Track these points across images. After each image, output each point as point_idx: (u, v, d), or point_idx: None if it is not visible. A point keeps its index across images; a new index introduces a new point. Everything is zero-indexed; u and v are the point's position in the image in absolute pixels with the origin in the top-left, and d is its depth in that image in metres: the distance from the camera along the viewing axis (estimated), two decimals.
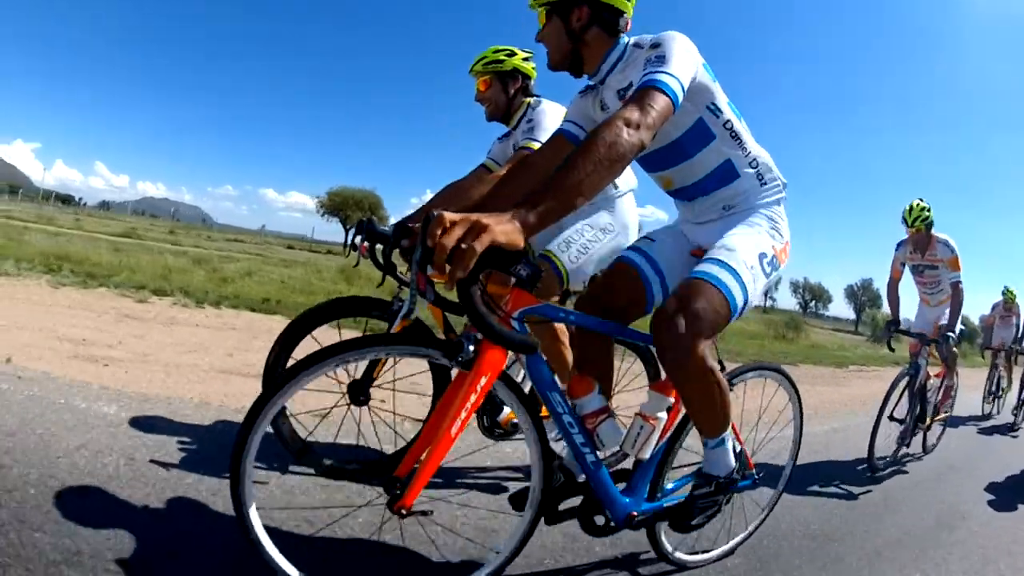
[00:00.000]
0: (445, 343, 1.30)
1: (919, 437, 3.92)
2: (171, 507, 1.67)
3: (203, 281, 7.45)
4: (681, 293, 1.40)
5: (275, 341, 2.03)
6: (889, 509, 2.82)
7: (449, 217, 1.00)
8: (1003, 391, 6.96)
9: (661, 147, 1.54)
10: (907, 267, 4.17)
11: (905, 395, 3.62)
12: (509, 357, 2.16)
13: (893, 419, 3.58)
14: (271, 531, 1.27)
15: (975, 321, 16.29)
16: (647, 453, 1.52)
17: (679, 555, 1.79)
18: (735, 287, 1.42)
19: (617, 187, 2.27)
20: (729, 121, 1.53)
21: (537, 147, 2.06)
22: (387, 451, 2.24)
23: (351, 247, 2.11)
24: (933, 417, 3.99)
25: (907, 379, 3.61)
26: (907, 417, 3.64)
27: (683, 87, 1.31)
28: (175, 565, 1.42)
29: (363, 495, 1.91)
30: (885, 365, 10.85)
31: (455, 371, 1.31)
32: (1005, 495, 3.36)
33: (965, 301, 3.76)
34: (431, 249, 0.99)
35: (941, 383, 4.18)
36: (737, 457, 1.64)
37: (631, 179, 2.35)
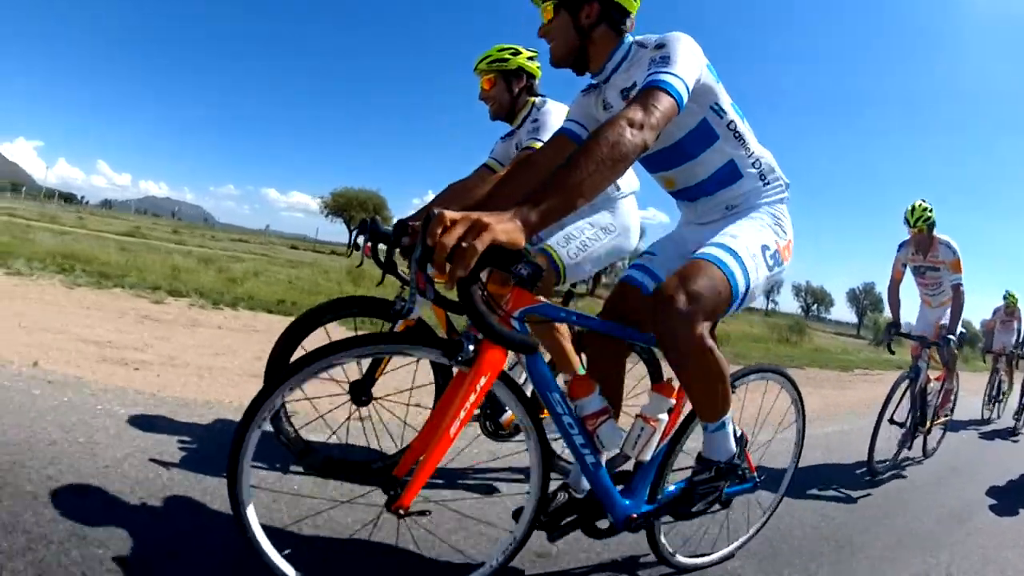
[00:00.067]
0: (445, 342, 1.29)
1: (919, 441, 3.90)
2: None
3: (214, 282, 7.43)
4: (682, 272, 1.37)
5: (276, 341, 2.03)
6: (889, 512, 2.80)
7: (449, 216, 0.98)
8: (1004, 395, 6.94)
9: (664, 147, 1.54)
10: (908, 268, 4.15)
11: (905, 398, 3.60)
12: (512, 358, 2.16)
13: (893, 422, 3.57)
14: (269, 530, 1.26)
15: (976, 326, 16.23)
16: (648, 455, 1.52)
17: (680, 558, 1.78)
18: (737, 270, 1.40)
19: (619, 188, 2.26)
20: (733, 122, 1.52)
21: None
22: (389, 451, 2.23)
23: (354, 247, 2.11)
24: (933, 421, 3.96)
25: (907, 382, 3.59)
26: (907, 420, 3.62)
27: (688, 88, 1.30)
28: None
29: (362, 495, 1.90)
30: (889, 369, 10.79)
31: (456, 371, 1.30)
32: (1007, 499, 3.35)
33: (966, 304, 3.74)
34: (431, 248, 0.98)
35: (941, 387, 4.15)
36: (738, 442, 1.59)
37: (633, 181, 2.34)
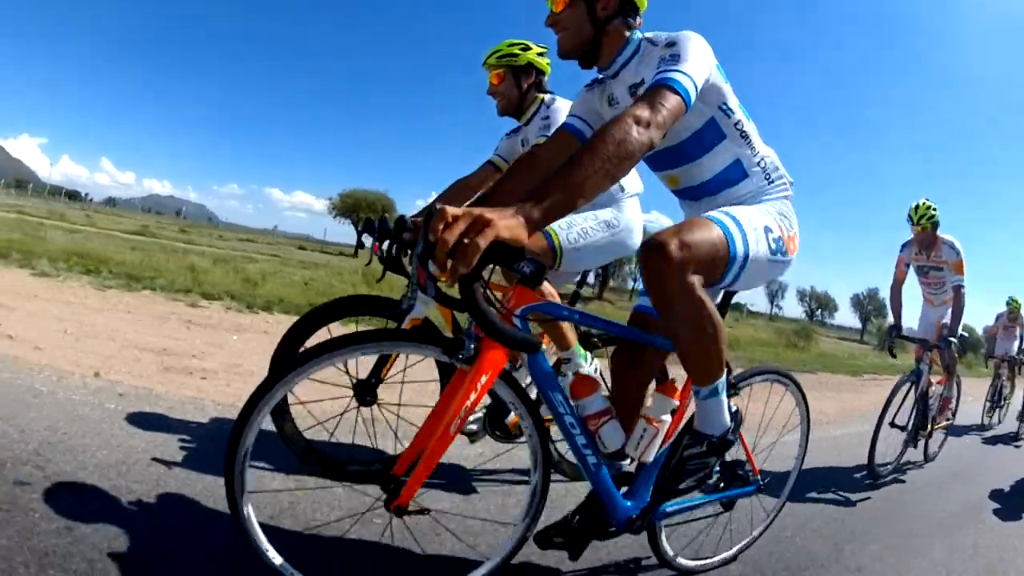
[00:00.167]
0: (446, 340, 1.29)
1: (920, 444, 3.89)
2: None
3: (232, 282, 7.35)
4: (678, 225, 1.35)
5: (281, 339, 2.01)
6: (890, 515, 2.79)
7: (451, 212, 0.97)
8: (1005, 400, 6.90)
9: (671, 145, 1.53)
10: (912, 268, 4.12)
11: (907, 401, 3.58)
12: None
13: (894, 426, 3.55)
14: (267, 528, 1.25)
15: (979, 332, 16.11)
16: (650, 456, 1.51)
17: (681, 560, 1.77)
18: (736, 233, 1.39)
19: (624, 189, 2.25)
20: (740, 121, 1.52)
21: None
22: (397, 451, 2.22)
23: (359, 245, 2.11)
24: (933, 425, 3.94)
25: (908, 385, 3.58)
26: (908, 423, 3.61)
27: (696, 87, 1.29)
28: None
29: (364, 494, 1.89)
30: (897, 373, 10.72)
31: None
32: (1008, 503, 3.32)
33: (968, 309, 3.71)
34: (433, 244, 0.96)
35: (941, 392, 4.12)
36: (733, 417, 1.53)
37: (637, 183, 2.33)
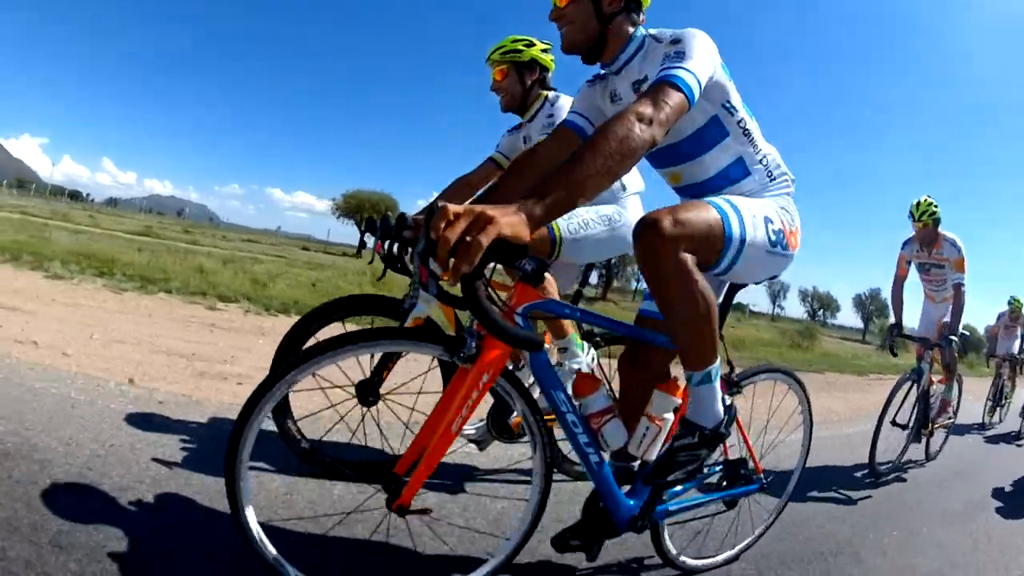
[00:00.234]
0: (448, 339, 1.28)
1: (922, 443, 3.88)
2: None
3: (247, 285, 7.29)
4: (673, 205, 1.34)
5: (282, 338, 2.01)
6: (892, 513, 2.78)
7: (453, 209, 0.96)
8: (1006, 399, 6.88)
9: (674, 143, 1.53)
10: (913, 265, 4.10)
11: (907, 400, 3.57)
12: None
13: (896, 424, 3.55)
14: (267, 528, 1.25)
15: (980, 332, 16.06)
16: (653, 455, 1.50)
17: (684, 559, 1.76)
18: (732, 215, 1.37)
19: (625, 187, 2.25)
20: (743, 119, 1.51)
21: None
22: (399, 452, 2.21)
23: (361, 245, 2.11)
24: (933, 424, 3.93)
25: (909, 384, 3.57)
26: (910, 422, 3.60)
27: (700, 85, 1.29)
28: None
29: (365, 494, 1.87)
30: (901, 373, 10.71)
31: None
32: (1011, 502, 3.31)
33: (969, 309, 3.70)
34: (435, 242, 0.95)
35: (941, 392, 4.10)
36: (727, 411, 1.52)
37: (638, 182, 2.33)
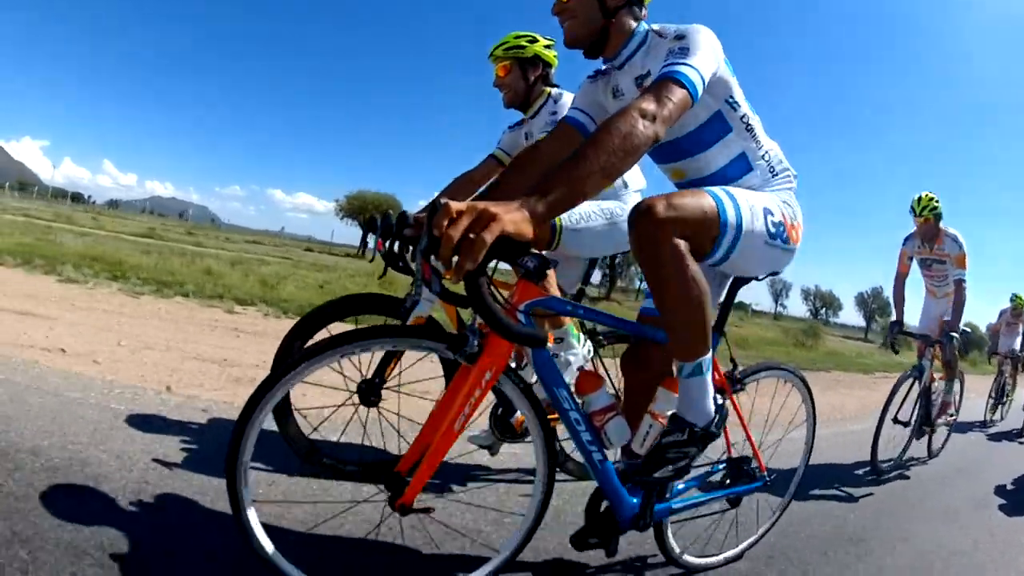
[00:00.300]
0: (449, 336, 1.28)
1: (923, 441, 3.86)
2: None
3: (257, 287, 7.29)
4: (668, 193, 1.33)
5: (283, 338, 2.01)
6: (893, 511, 2.78)
7: (455, 207, 0.95)
8: (1008, 397, 6.85)
9: (676, 138, 1.53)
10: (915, 261, 4.08)
11: (909, 397, 3.57)
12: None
13: (897, 421, 3.54)
14: (268, 528, 1.24)
15: (983, 330, 16.01)
16: None
17: (687, 558, 1.76)
18: (728, 203, 1.36)
19: (627, 186, 2.25)
20: (746, 115, 1.51)
21: None
22: (401, 452, 2.20)
23: (363, 245, 2.10)
24: (935, 421, 3.92)
25: (910, 381, 3.56)
26: (911, 419, 3.59)
27: (703, 81, 1.29)
28: None
29: (366, 494, 1.88)
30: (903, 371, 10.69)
31: None
32: (1014, 499, 3.30)
33: (969, 308, 3.68)
34: (437, 239, 0.95)
35: (942, 391, 4.08)
36: (718, 410, 1.48)
37: (640, 179, 2.33)
